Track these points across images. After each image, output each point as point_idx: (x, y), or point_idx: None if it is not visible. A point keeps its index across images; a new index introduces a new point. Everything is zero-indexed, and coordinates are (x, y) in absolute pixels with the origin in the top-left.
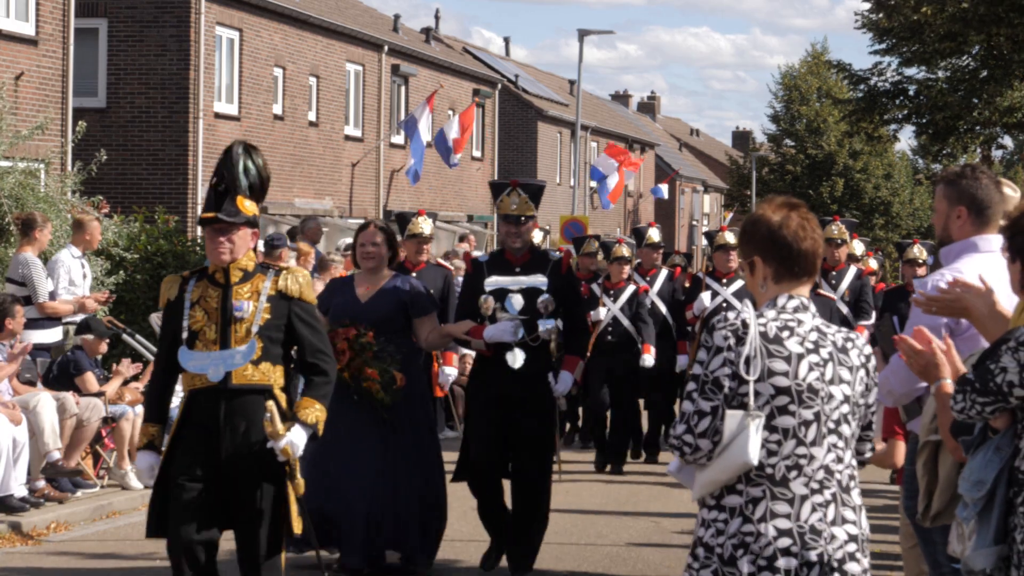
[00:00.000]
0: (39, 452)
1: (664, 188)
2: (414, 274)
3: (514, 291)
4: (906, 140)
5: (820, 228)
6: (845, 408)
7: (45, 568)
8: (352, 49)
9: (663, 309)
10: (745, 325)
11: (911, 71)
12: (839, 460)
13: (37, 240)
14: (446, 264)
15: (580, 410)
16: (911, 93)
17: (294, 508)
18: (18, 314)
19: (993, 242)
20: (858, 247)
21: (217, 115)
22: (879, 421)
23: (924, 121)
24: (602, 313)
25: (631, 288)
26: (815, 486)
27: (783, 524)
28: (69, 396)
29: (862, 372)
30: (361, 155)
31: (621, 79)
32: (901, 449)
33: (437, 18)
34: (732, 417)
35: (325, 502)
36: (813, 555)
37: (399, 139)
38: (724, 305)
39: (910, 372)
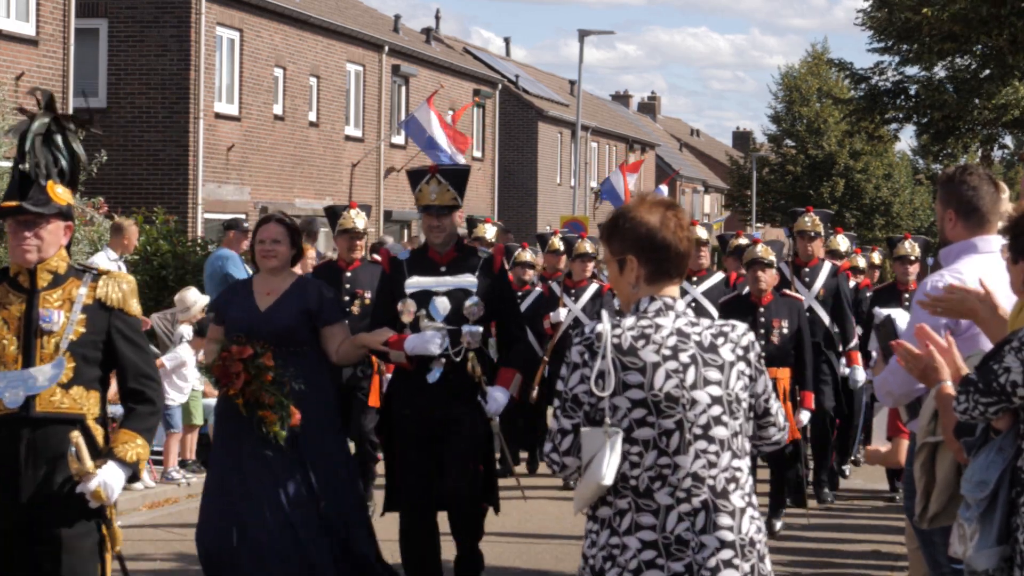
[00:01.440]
0: None
1: (664, 188)
2: (348, 273)
3: (439, 294)
4: (906, 140)
5: (693, 228)
6: (716, 410)
7: None
8: (352, 49)
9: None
10: (599, 338)
11: (911, 70)
12: (711, 465)
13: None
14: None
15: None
16: (911, 92)
17: (109, 566)
18: None
19: (993, 243)
20: (843, 243)
21: (217, 115)
22: (883, 421)
23: (924, 121)
24: (562, 314)
25: (594, 287)
26: (681, 495)
27: (648, 536)
28: None
29: (741, 365)
30: (361, 155)
31: (621, 79)
32: (905, 448)
33: (437, 18)
34: (588, 435)
35: (224, 543)
36: (680, 566)
37: (399, 139)
38: (693, 305)
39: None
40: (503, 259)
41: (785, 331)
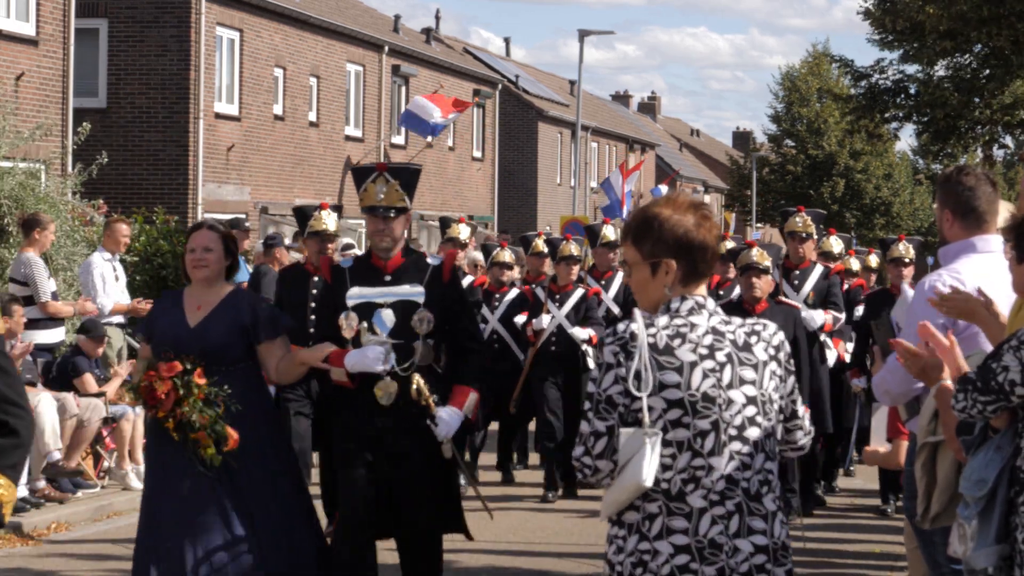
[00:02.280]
0: (39, 452)
1: (664, 189)
2: (316, 278)
3: (384, 305)
4: (906, 140)
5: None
6: (751, 410)
7: (45, 568)
8: (352, 49)
9: (618, 315)
10: (633, 337)
11: (912, 69)
12: (744, 467)
13: (39, 241)
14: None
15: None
16: (912, 92)
17: None
18: (17, 314)
19: (992, 243)
20: (836, 245)
21: (218, 115)
22: (883, 421)
23: (925, 120)
24: (545, 321)
25: (580, 292)
26: (715, 498)
27: (680, 540)
28: (70, 397)
29: (772, 365)
30: (362, 155)
31: (620, 79)
32: (905, 449)
33: (437, 18)
34: (626, 436)
35: None
36: (713, 570)
37: (400, 139)
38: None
39: (907, 372)
40: (454, 266)
41: None
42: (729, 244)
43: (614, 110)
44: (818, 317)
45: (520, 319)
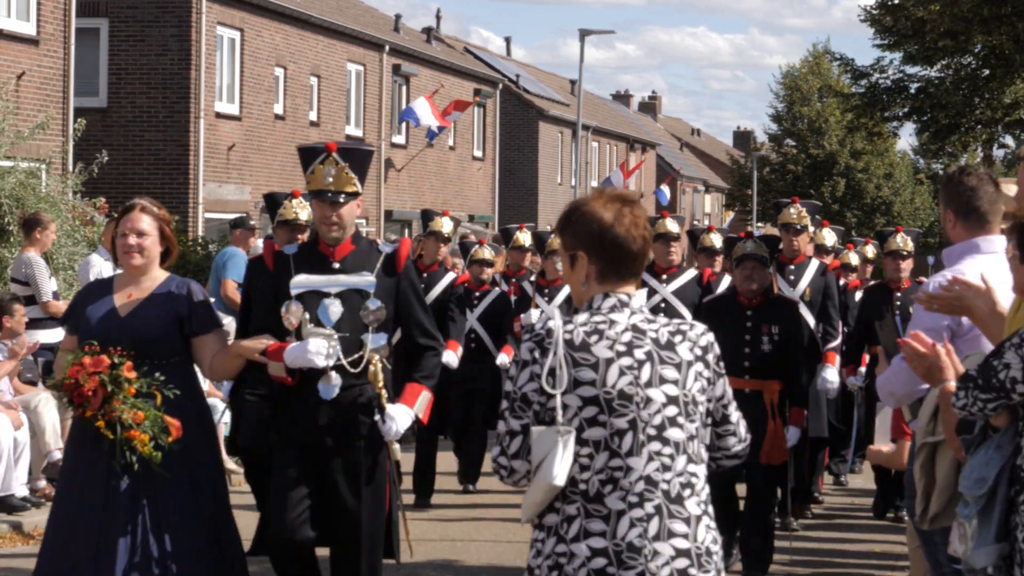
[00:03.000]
0: (40, 452)
1: (666, 189)
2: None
3: (330, 295)
4: (907, 139)
5: (650, 226)
6: (671, 410)
7: None
8: (353, 49)
9: None
10: (550, 333)
11: (913, 69)
12: (665, 468)
13: (40, 240)
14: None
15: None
16: (912, 91)
17: None
18: (17, 313)
19: (996, 243)
20: (828, 237)
21: (218, 115)
22: (888, 422)
23: (925, 119)
24: (534, 316)
25: (568, 287)
26: (633, 499)
27: (597, 543)
28: None
29: (699, 365)
30: None
31: (620, 79)
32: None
33: (438, 18)
34: (538, 434)
35: None
36: (631, 575)
37: (400, 139)
38: (663, 306)
39: (912, 373)
40: (409, 255)
41: (776, 338)
42: (715, 237)
43: (615, 110)
44: (831, 376)
45: (533, 316)
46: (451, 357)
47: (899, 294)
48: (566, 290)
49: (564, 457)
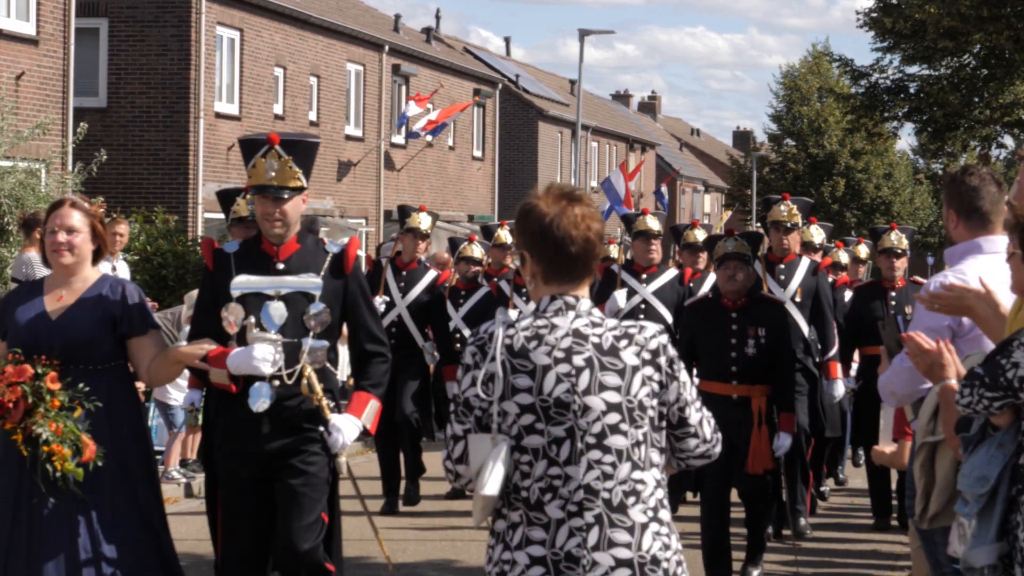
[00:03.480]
0: None
1: (665, 188)
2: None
3: (274, 297)
4: (906, 139)
5: (599, 225)
6: (613, 417)
7: None
8: (353, 49)
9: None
10: (491, 338)
11: (912, 69)
12: (606, 477)
13: (40, 240)
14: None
15: None
16: (912, 91)
17: None
18: None
19: (998, 243)
20: (816, 234)
21: (218, 115)
22: (891, 422)
23: (925, 119)
24: (512, 316)
25: None
26: (572, 508)
27: (537, 551)
28: None
29: (647, 369)
30: (362, 155)
31: (619, 79)
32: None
33: (438, 18)
34: (475, 442)
35: None
36: None
37: (400, 139)
38: (643, 306)
39: (913, 373)
40: (358, 255)
41: (763, 341)
42: (699, 233)
43: (614, 109)
44: (839, 391)
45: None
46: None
47: (893, 293)
48: None
49: (495, 468)
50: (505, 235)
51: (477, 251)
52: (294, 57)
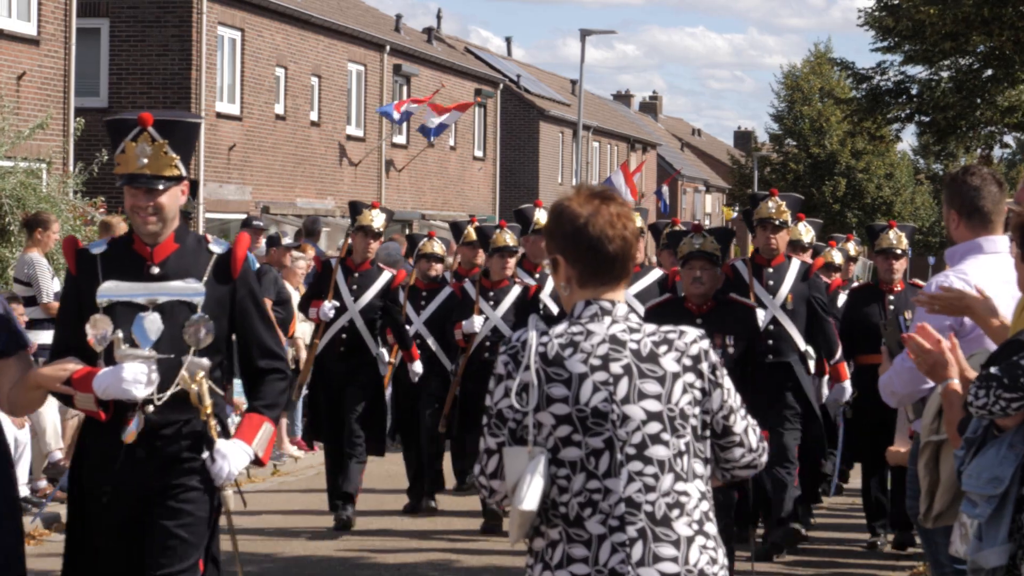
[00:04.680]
0: (41, 452)
1: (666, 189)
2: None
3: (147, 307)
4: (907, 139)
5: (634, 224)
6: (653, 427)
7: (45, 568)
8: (354, 49)
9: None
10: (524, 346)
11: (914, 70)
12: (648, 489)
13: (42, 240)
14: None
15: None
16: (913, 92)
17: None
18: (16, 312)
19: (998, 243)
20: (805, 233)
21: (219, 115)
22: (906, 422)
23: (927, 120)
24: (477, 323)
25: (517, 289)
26: (614, 523)
27: (580, 569)
28: None
29: (689, 376)
30: (363, 155)
31: (619, 79)
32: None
33: (439, 18)
34: (511, 455)
35: None
36: None
37: (401, 139)
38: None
39: (914, 373)
40: (248, 257)
41: (731, 350)
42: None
43: (615, 109)
44: (843, 395)
45: (476, 323)
46: (418, 366)
47: (892, 297)
48: (514, 293)
49: (533, 482)
50: (475, 232)
51: (438, 247)
52: (295, 57)
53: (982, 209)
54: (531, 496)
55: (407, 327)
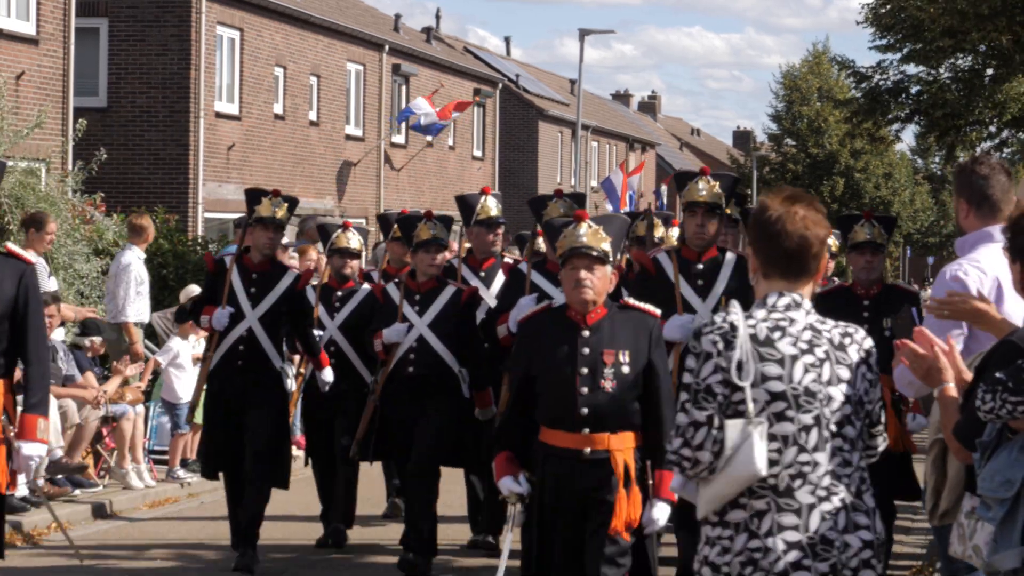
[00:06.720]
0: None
1: (665, 189)
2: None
3: None
4: (906, 139)
5: (820, 228)
6: (847, 409)
7: (45, 568)
8: (353, 48)
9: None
10: (733, 328)
11: (914, 69)
12: (846, 464)
13: (40, 240)
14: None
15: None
16: (913, 92)
17: None
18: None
19: None
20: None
21: (218, 115)
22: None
23: (927, 121)
24: (399, 332)
25: (450, 291)
26: (822, 494)
27: (792, 536)
28: (71, 403)
29: (863, 368)
30: (362, 155)
31: (617, 79)
32: None
33: (438, 17)
34: (733, 427)
35: None
36: (825, 566)
37: (400, 138)
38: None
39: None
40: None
41: (625, 369)
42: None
43: (614, 109)
44: None
45: (400, 331)
46: (328, 374)
47: (868, 302)
48: (445, 296)
49: (761, 447)
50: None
51: (355, 241)
52: (294, 57)
53: (991, 198)
54: (761, 461)
55: (318, 333)
